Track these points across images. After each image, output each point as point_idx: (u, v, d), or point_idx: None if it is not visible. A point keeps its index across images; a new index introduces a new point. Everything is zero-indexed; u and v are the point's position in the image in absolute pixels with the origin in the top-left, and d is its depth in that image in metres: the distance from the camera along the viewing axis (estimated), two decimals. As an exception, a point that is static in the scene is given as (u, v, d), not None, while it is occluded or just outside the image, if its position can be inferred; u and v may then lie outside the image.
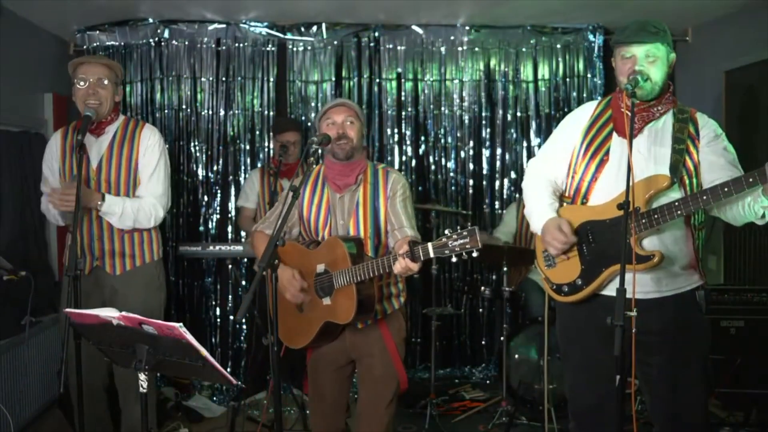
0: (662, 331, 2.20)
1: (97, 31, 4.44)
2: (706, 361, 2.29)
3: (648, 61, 2.17)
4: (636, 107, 2.18)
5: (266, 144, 4.61)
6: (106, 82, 2.79)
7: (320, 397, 2.64)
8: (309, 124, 4.60)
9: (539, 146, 4.76)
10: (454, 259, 2.09)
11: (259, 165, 4.53)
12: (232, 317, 4.57)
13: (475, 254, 2.03)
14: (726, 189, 1.96)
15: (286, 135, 3.99)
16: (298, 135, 4.01)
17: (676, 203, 2.06)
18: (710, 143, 2.21)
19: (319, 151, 2.61)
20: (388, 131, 4.72)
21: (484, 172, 4.80)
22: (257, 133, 4.62)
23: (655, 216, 2.09)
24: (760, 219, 2.09)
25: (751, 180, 1.92)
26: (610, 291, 2.20)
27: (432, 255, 2.13)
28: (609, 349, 1.98)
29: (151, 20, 4.43)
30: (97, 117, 2.77)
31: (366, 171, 2.55)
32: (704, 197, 2.01)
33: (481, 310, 4.83)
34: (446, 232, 2.09)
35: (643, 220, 2.11)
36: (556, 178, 2.40)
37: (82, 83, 2.76)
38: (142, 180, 2.88)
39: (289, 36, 4.60)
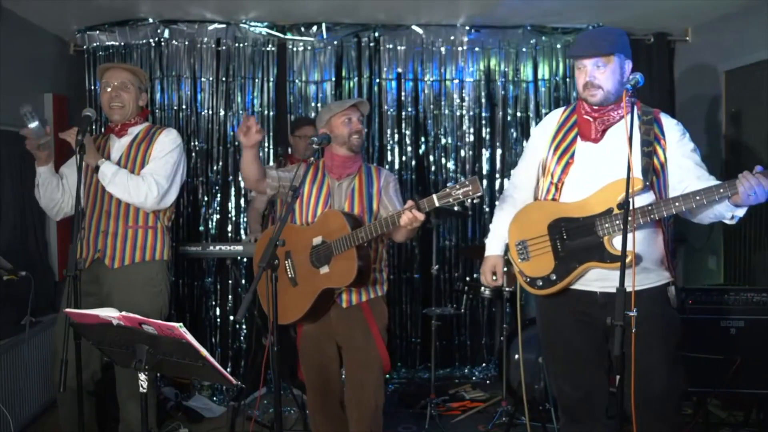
0: (639, 322, 2.20)
1: (97, 31, 4.44)
2: (676, 353, 2.38)
3: (599, 72, 2.28)
4: (595, 112, 2.33)
5: (266, 144, 4.61)
6: (129, 86, 2.92)
7: (313, 380, 2.81)
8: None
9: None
10: (456, 208, 2.36)
11: (271, 162, 4.52)
12: (232, 317, 4.57)
13: (476, 200, 2.34)
14: (698, 197, 2.11)
15: (304, 129, 4.03)
16: (315, 129, 3.98)
17: (650, 207, 2.18)
18: (678, 145, 2.31)
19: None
20: (388, 131, 4.72)
21: (484, 172, 4.80)
22: (257, 133, 4.61)
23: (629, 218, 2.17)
24: (729, 220, 2.24)
25: (722, 191, 2.08)
26: (581, 285, 2.36)
27: (437, 204, 2.33)
28: (587, 339, 2.27)
29: (151, 20, 4.43)
30: (121, 119, 2.92)
31: (361, 166, 2.82)
32: (677, 203, 2.14)
33: (481, 310, 4.83)
34: (448, 184, 2.32)
35: (617, 222, 2.22)
36: (527, 195, 2.58)
37: (107, 88, 2.91)
38: (149, 162, 2.89)
39: (289, 36, 4.60)
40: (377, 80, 4.68)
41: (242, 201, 4.60)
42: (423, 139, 4.76)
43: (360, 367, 2.71)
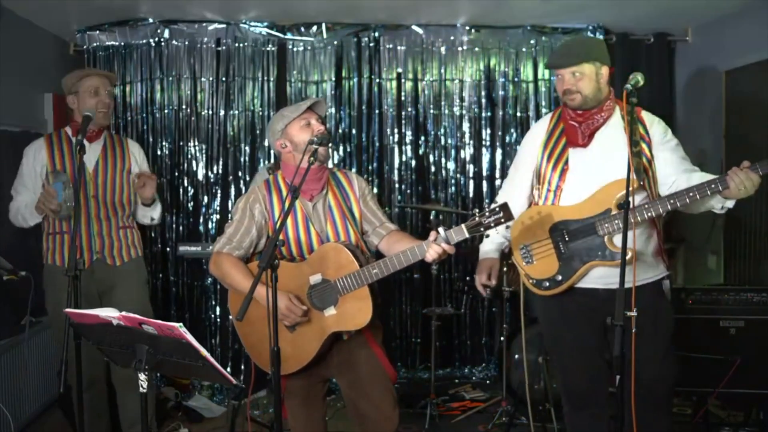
0: (636, 317, 2.32)
1: (97, 31, 4.44)
2: (668, 345, 2.48)
3: (576, 79, 2.40)
4: (579, 117, 2.44)
5: (266, 144, 4.61)
6: (112, 96, 3.10)
7: (299, 417, 2.53)
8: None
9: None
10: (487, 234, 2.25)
11: (260, 166, 4.52)
12: (231, 317, 4.56)
13: (507, 226, 2.22)
14: (691, 194, 2.24)
15: None
16: None
17: (646, 206, 2.31)
18: (662, 142, 2.43)
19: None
20: (388, 131, 4.72)
21: (484, 172, 4.80)
22: (257, 133, 4.62)
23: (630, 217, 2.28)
24: (719, 210, 2.35)
25: (713, 186, 2.21)
26: (585, 283, 2.47)
27: (467, 236, 2.20)
28: (591, 331, 2.40)
29: (151, 20, 4.43)
30: (100, 124, 3.02)
31: (328, 177, 2.50)
32: (671, 201, 2.27)
33: (481, 310, 4.83)
34: (476, 211, 2.19)
35: (616, 221, 2.34)
36: (524, 203, 2.64)
37: (93, 92, 2.97)
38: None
39: (289, 36, 4.60)
40: (377, 80, 4.68)
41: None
42: (423, 139, 4.76)
43: (372, 387, 2.40)
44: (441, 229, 2.20)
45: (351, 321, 2.31)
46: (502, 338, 3.82)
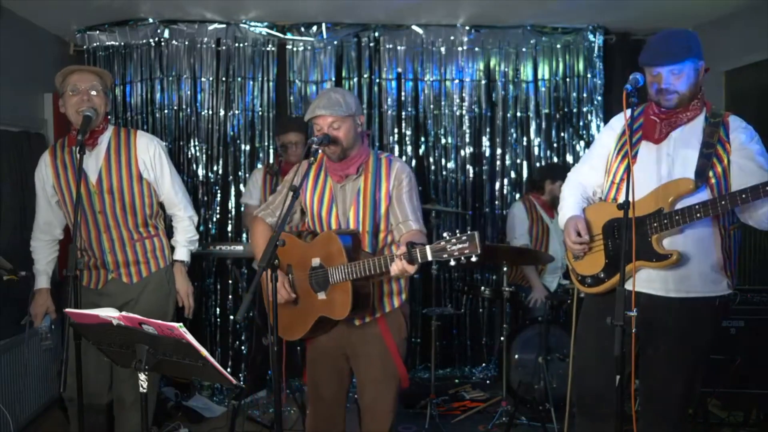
0: (670, 330, 2.28)
1: (97, 31, 4.44)
2: (702, 367, 2.36)
3: (674, 78, 2.27)
4: (663, 114, 2.32)
5: (266, 144, 4.62)
6: (99, 89, 2.74)
7: (318, 395, 2.59)
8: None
9: (539, 146, 4.78)
10: (452, 263, 2.05)
11: (258, 165, 4.53)
12: (232, 317, 4.57)
13: (474, 259, 2.00)
14: (744, 196, 2.06)
15: (288, 136, 3.85)
16: (301, 135, 3.86)
17: (697, 206, 2.15)
18: (741, 147, 2.26)
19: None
20: (388, 131, 4.72)
21: (484, 172, 4.80)
22: (257, 133, 4.62)
23: (676, 217, 2.19)
24: None
25: (767, 188, 2.01)
26: (628, 285, 2.26)
27: (430, 258, 2.10)
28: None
29: (151, 20, 4.43)
30: (89, 127, 2.67)
31: (368, 161, 2.48)
32: (722, 202, 2.10)
33: (481, 310, 4.83)
34: (445, 235, 2.04)
35: (665, 221, 2.22)
36: (589, 182, 2.56)
37: (73, 92, 2.70)
38: (166, 194, 2.89)
39: (289, 36, 4.60)
40: (377, 80, 4.68)
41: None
42: (423, 139, 4.76)
43: (377, 383, 2.49)
44: (409, 245, 2.13)
45: (335, 310, 2.37)
46: (502, 338, 3.81)
